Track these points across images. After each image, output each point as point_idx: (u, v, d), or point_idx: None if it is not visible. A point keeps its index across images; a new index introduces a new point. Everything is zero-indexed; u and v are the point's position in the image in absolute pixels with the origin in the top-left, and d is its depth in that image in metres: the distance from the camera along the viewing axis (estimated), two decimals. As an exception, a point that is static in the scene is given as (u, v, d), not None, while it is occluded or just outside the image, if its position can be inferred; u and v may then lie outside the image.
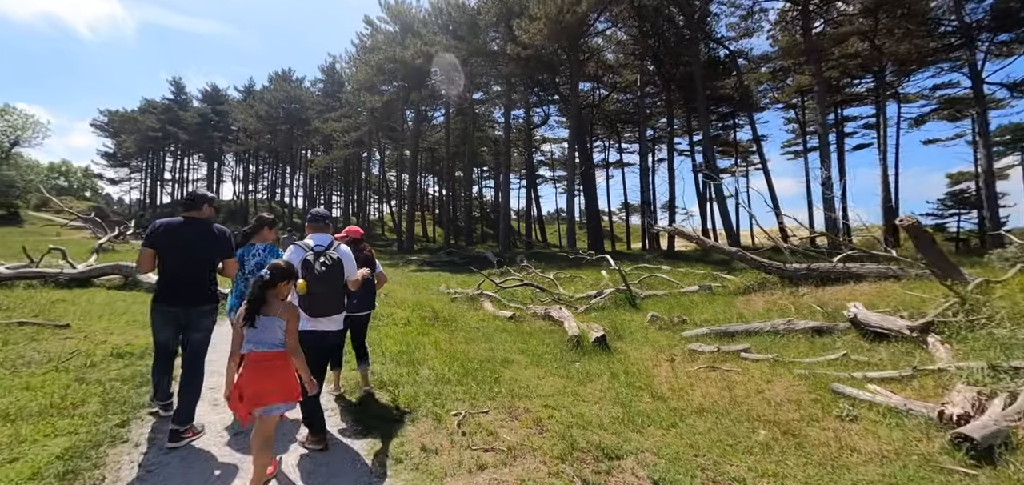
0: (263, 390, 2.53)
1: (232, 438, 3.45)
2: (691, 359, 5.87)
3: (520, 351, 6.24)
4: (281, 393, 2.59)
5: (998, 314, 5.18)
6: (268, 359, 2.57)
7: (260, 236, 4.18)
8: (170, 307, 3.39)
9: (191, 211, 3.56)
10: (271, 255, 4.12)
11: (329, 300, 3.28)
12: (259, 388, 2.52)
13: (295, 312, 2.72)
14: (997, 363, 4.19)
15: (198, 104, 58.08)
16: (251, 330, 2.57)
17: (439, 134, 38.08)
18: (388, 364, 5.07)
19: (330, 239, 3.55)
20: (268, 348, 2.58)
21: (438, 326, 7.46)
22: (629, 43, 24.80)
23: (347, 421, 3.77)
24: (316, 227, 3.60)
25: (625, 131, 41.85)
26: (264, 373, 2.55)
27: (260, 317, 2.58)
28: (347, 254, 3.54)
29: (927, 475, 3.04)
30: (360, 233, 4.97)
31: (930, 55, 21.00)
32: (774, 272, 9.44)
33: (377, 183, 48.73)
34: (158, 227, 3.44)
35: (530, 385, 4.65)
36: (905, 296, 7.17)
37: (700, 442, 3.53)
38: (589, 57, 25.39)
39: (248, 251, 4.08)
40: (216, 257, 3.57)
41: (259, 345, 2.57)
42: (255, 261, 4.05)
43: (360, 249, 4.52)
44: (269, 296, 2.64)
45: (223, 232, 3.64)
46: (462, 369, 5.01)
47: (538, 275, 13.17)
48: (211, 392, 4.17)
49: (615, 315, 8.99)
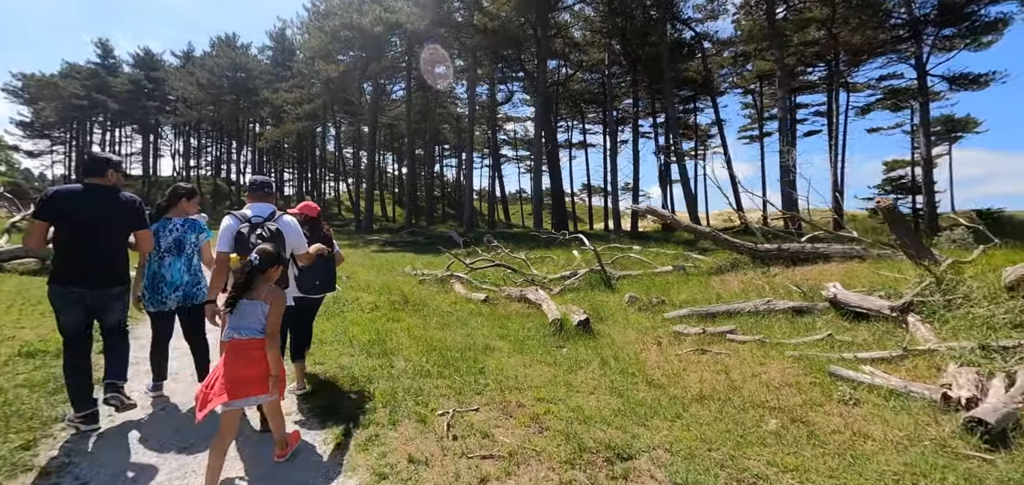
0: (244, 378, 2.39)
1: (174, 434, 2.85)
2: (678, 342, 5.68)
3: (500, 337, 5.84)
4: (262, 383, 2.44)
5: (974, 293, 5.25)
6: (249, 347, 2.43)
7: (178, 209, 3.68)
8: (75, 288, 2.84)
9: (92, 177, 2.99)
10: (191, 231, 3.65)
11: None
12: (240, 376, 2.38)
13: (281, 297, 2.56)
14: (987, 343, 4.17)
15: (129, 70, 52.95)
16: (231, 316, 2.43)
17: (399, 109, 36.56)
18: (358, 356, 4.53)
19: (271, 209, 3.20)
20: (250, 334, 2.44)
21: (409, 311, 6.93)
22: (597, 20, 24.48)
23: (313, 425, 3.24)
24: (256, 195, 3.26)
25: (589, 111, 41.83)
26: (246, 361, 2.41)
27: (242, 302, 2.44)
28: (291, 226, 3.23)
29: (948, 462, 2.90)
30: (316, 210, 4.46)
31: (880, 46, 22.03)
32: (746, 252, 9.49)
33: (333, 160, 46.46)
34: (52, 195, 2.85)
35: (518, 375, 4.26)
36: (874, 276, 7.28)
37: (709, 434, 3.28)
38: (556, 33, 24.87)
39: (164, 226, 3.58)
40: (128, 228, 3.11)
41: (240, 331, 2.43)
42: (172, 237, 3.56)
43: (318, 228, 4.15)
44: (258, 282, 2.50)
45: (133, 200, 3.14)
46: (441, 359, 4.55)
47: (508, 256, 12.78)
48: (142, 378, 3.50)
49: (592, 296, 8.75)
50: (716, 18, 23.78)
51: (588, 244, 10.51)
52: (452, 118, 42.48)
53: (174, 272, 3.58)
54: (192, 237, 3.69)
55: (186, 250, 3.66)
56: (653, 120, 32.12)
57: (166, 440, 3.04)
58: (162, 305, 3.57)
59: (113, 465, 2.71)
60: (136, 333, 4.82)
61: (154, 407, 3.58)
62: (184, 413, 3.51)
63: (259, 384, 2.42)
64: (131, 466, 2.72)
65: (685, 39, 25.37)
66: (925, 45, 20.67)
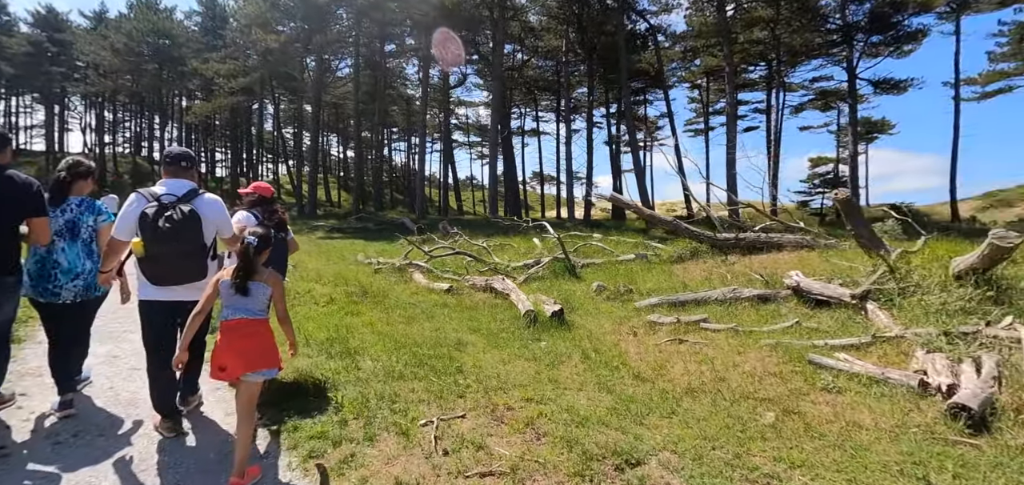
0: (250, 354, 2.43)
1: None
2: (653, 331, 5.59)
3: (471, 330, 5.48)
4: (267, 358, 2.50)
5: (925, 282, 5.52)
6: (249, 326, 2.46)
7: (74, 188, 3.17)
8: None
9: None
10: (89, 212, 3.17)
11: (179, 265, 2.74)
12: (245, 353, 2.42)
13: (279, 279, 2.65)
14: (949, 329, 4.35)
15: (28, 29, 46.39)
16: (240, 298, 2.43)
17: (345, 87, 34.61)
18: (318, 357, 4.00)
19: (189, 187, 2.81)
20: (249, 315, 2.47)
21: (369, 303, 6.38)
22: (554, 7, 24.28)
23: (272, 445, 2.74)
24: (172, 170, 2.87)
25: (542, 98, 41.79)
26: (246, 339, 2.44)
27: (249, 284, 2.45)
28: (212, 205, 2.88)
29: (941, 450, 2.91)
30: (270, 191, 3.99)
31: (816, 50, 23.53)
32: (706, 241, 9.67)
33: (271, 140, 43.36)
34: None
35: (499, 374, 3.94)
36: (824, 264, 7.59)
37: (709, 430, 3.14)
38: (513, 16, 24.39)
39: (56, 207, 3.09)
40: (19, 215, 2.64)
41: (240, 312, 2.45)
42: (64, 219, 3.08)
43: (272, 212, 3.90)
44: (257, 264, 2.52)
45: (29, 183, 2.67)
46: (413, 358, 4.13)
47: (468, 243, 12.35)
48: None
49: (558, 285, 8.58)
50: (669, 12, 24.39)
51: (552, 231, 10.33)
52: (402, 100, 40.90)
53: (71, 257, 3.04)
54: (89, 220, 3.17)
55: (82, 234, 3.14)
56: (606, 109, 32.56)
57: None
58: (54, 295, 3.01)
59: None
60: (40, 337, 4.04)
61: (62, 434, 2.92)
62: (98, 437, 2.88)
63: (264, 359, 2.48)
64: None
65: (639, 31, 25.80)
66: (855, 50, 22.33)
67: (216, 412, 3.29)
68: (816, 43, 23.62)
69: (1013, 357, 3.89)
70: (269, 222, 3.89)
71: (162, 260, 2.67)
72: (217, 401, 3.43)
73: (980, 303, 4.84)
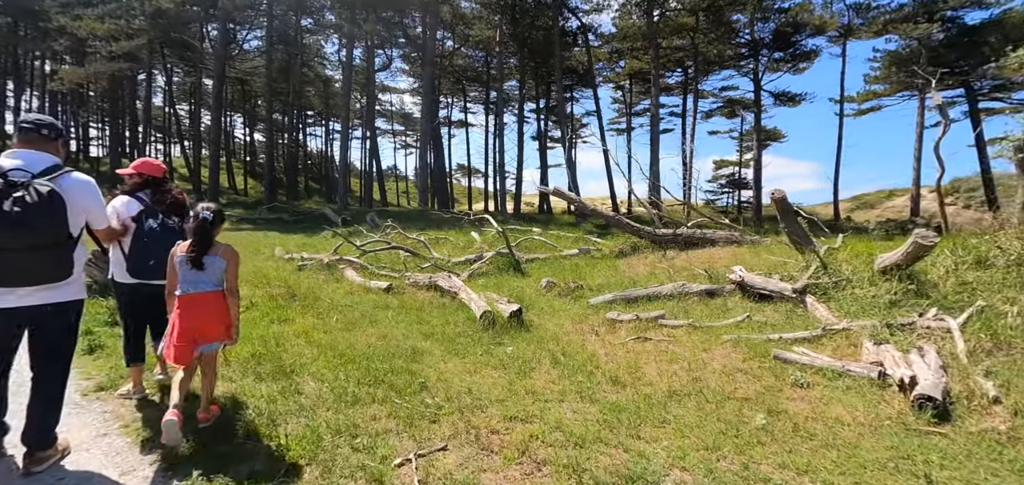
0: (208, 327, 2.59)
1: None
2: (614, 330, 5.44)
3: (424, 335, 4.92)
4: (224, 329, 2.66)
5: (854, 277, 5.93)
6: (208, 299, 2.60)
7: None
8: None
9: None
10: None
11: (29, 260, 2.13)
12: (203, 325, 2.58)
13: (235, 252, 2.75)
14: (890, 321, 4.62)
15: None
16: (196, 272, 2.56)
17: (253, 63, 31.21)
18: (243, 379, 3.23)
19: (51, 162, 2.26)
20: (207, 288, 2.60)
21: (298, 307, 5.52)
22: (488, -5, 23.79)
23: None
24: (29, 139, 2.29)
25: (471, 89, 41.08)
26: (205, 311, 2.58)
27: (205, 258, 2.58)
28: (83, 187, 2.31)
29: (922, 442, 2.97)
30: (161, 169, 3.31)
31: (727, 61, 25.55)
32: (646, 237, 9.85)
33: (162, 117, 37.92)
34: None
35: (470, 388, 3.47)
36: (755, 259, 8.02)
37: (707, 439, 2.98)
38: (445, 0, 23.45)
39: None
40: None
41: (198, 286, 2.58)
42: None
43: (164, 192, 3.26)
44: (213, 237, 2.64)
45: None
46: (365, 374, 3.52)
47: (402, 237, 11.54)
48: None
49: (505, 281, 8.22)
50: (600, 12, 24.98)
51: (495, 225, 9.92)
52: (319, 81, 37.89)
53: None
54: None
55: None
56: (537, 104, 32.75)
57: None
58: None
59: None
60: None
61: None
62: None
63: (222, 331, 2.64)
64: None
65: (571, 28, 26.19)
66: (761, 64, 24.61)
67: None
68: (727, 55, 25.70)
69: (946, 346, 4.21)
70: (160, 206, 3.12)
71: (5, 253, 2.05)
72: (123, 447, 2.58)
73: (905, 296, 5.25)
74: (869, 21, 24.19)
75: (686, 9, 22.38)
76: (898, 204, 34.44)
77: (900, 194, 36.12)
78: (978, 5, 21.82)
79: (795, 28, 23.97)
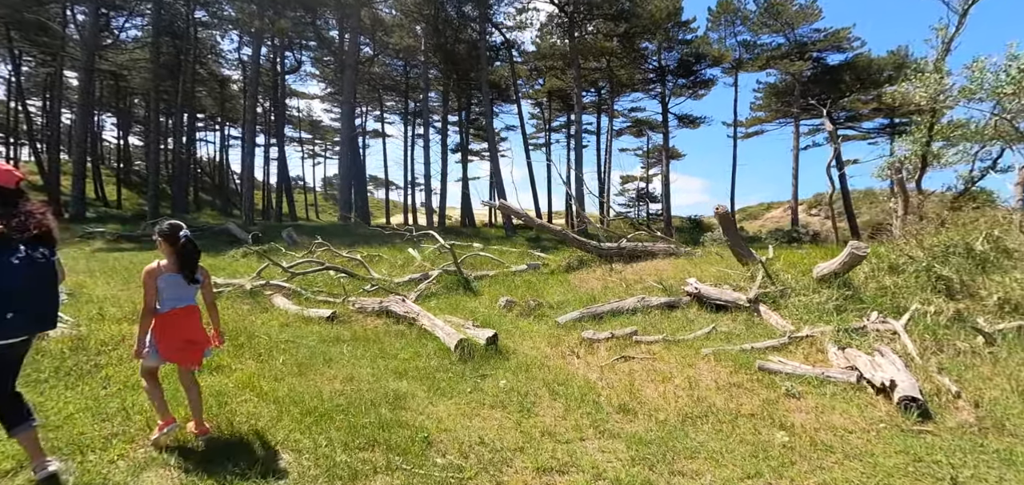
0: (200, 334, 2.86)
1: None
2: (593, 350, 5.26)
3: (396, 374, 4.32)
4: (206, 339, 2.93)
5: (798, 284, 6.40)
6: (196, 311, 2.85)
7: None
8: None
9: None
10: None
11: None
12: (196, 333, 2.83)
13: (207, 271, 2.94)
14: (846, 326, 4.99)
15: None
16: (190, 287, 2.78)
17: (132, 55, 26.95)
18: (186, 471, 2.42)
19: None
20: (191, 302, 2.82)
21: (231, 348, 4.54)
22: (409, 4, 22.90)
23: None
24: None
25: (388, 98, 39.51)
26: (196, 321, 2.85)
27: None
28: None
29: (923, 444, 3.13)
30: (16, 178, 2.33)
31: (637, 84, 27.46)
32: (592, 251, 9.94)
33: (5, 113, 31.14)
34: None
35: (482, 438, 3.06)
36: (695, 270, 8.40)
37: (746, 466, 2.91)
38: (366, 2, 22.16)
39: None
40: None
41: (187, 300, 2.79)
42: None
43: (27, 215, 2.24)
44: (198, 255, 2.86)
45: None
46: (352, 433, 2.94)
47: (331, 255, 10.45)
48: None
49: (457, 302, 7.73)
50: (523, 30, 25.42)
51: (442, 241, 9.35)
52: (214, 80, 33.87)
53: None
54: None
55: None
56: (459, 116, 32.37)
57: None
58: None
59: None
60: None
61: None
62: None
63: (206, 340, 2.92)
64: None
65: (495, 43, 26.32)
66: (668, 89, 26.83)
67: None
68: (638, 79, 27.69)
69: (896, 346, 4.62)
70: (21, 235, 2.17)
71: None
72: None
73: (847, 301, 5.74)
74: (755, 56, 27.66)
75: (603, 34, 23.68)
76: (776, 215, 39.44)
77: (777, 206, 41.41)
78: (837, 49, 25.98)
79: (696, 58, 26.62)
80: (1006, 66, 8.00)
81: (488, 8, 22.16)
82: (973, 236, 6.40)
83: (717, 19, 27.14)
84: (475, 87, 29.45)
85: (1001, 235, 6.42)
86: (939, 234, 6.89)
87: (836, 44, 25.70)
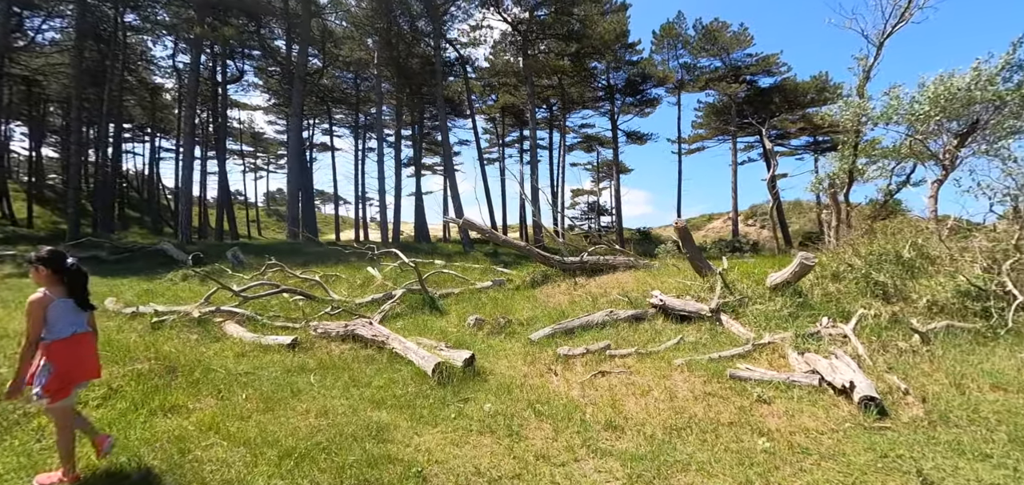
0: (91, 361, 2.82)
1: None
2: (569, 367, 5.28)
3: (373, 403, 4.13)
4: (98, 369, 2.91)
5: (754, 293, 6.78)
6: (90, 338, 2.83)
7: None
8: None
9: None
10: None
11: None
12: (88, 359, 2.79)
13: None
14: (801, 332, 5.33)
15: None
16: (87, 312, 2.79)
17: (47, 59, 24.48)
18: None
19: None
20: (87, 329, 2.81)
21: (184, 385, 4.15)
22: (361, 17, 22.42)
23: None
24: None
25: (337, 111, 38.36)
26: (90, 348, 2.81)
27: None
28: None
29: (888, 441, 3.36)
30: None
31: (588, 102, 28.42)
32: (555, 265, 10.04)
33: None
34: None
35: (478, 467, 2.98)
36: (656, 282, 8.71)
37: (735, 474, 3.02)
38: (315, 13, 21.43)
39: None
40: None
41: (83, 326, 2.77)
42: None
43: None
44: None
45: None
46: (339, 476, 2.79)
47: (284, 276, 9.89)
48: None
49: (424, 321, 7.56)
50: (476, 46, 25.62)
51: (404, 258, 9.11)
52: (144, 89, 31.43)
53: None
54: None
55: None
56: (412, 130, 31.95)
57: None
58: None
59: None
60: None
61: None
62: None
63: (98, 372, 2.91)
64: None
65: (449, 59, 26.29)
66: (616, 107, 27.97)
67: None
68: (588, 96, 28.70)
69: (847, 349, 4.98)
70: None
71: None
72: None
73: (799, 308, 6.14)
74: (695, 78, 29.51)
75: (555, 53, 24.38)
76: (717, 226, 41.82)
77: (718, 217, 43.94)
78: (767, 73, 28.24)
79: (642, 78, 28.04)
80: (916, 94, 9.02)
81: (442, 24, 22.17)
82: (900, 245, 7.07)
83: (661, 42, 28.75)
84: (429, 101, 29.22)
85: (924, 243, 7.13)
86: (872, 243, 7.55)
87: (766, 68, 27.94)
